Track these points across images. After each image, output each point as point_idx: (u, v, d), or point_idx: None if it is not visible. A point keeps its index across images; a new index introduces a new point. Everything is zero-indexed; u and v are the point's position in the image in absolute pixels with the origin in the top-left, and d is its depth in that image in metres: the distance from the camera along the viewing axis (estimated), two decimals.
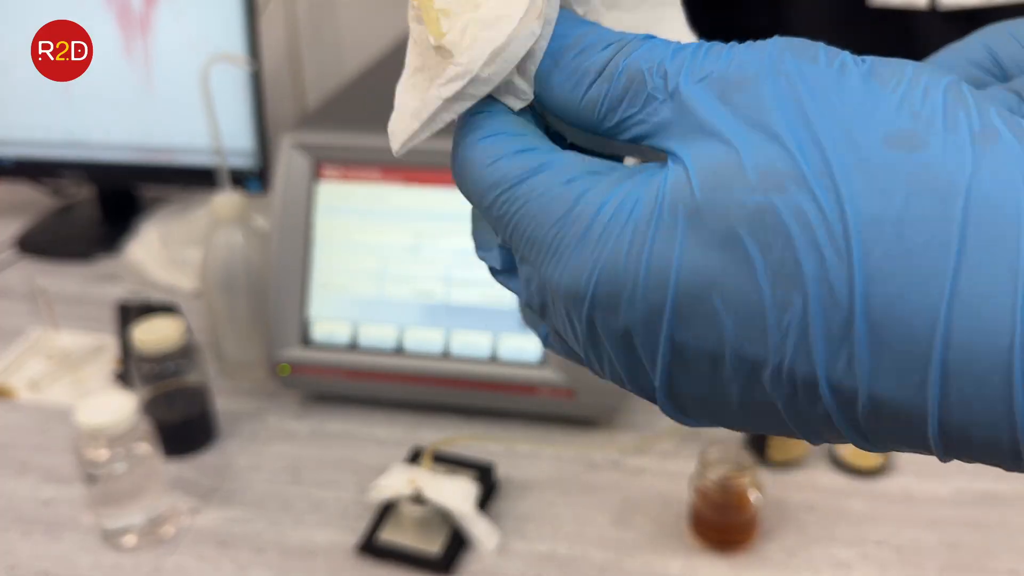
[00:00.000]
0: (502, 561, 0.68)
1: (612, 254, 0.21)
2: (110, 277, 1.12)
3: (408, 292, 0.80)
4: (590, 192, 0.22)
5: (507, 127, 0.24)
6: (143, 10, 1.07)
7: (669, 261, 0.20)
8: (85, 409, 0.67)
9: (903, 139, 0.19)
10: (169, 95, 1.10)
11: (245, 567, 0.68)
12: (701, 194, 0.20)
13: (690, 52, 0.22)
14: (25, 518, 0.74)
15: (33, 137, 1.16)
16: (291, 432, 0.83)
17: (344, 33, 1.35)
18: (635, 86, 0.22)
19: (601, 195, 0.22)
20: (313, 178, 0.81)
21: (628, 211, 0.21)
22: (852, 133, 0.19)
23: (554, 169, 0.22)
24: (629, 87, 0.22)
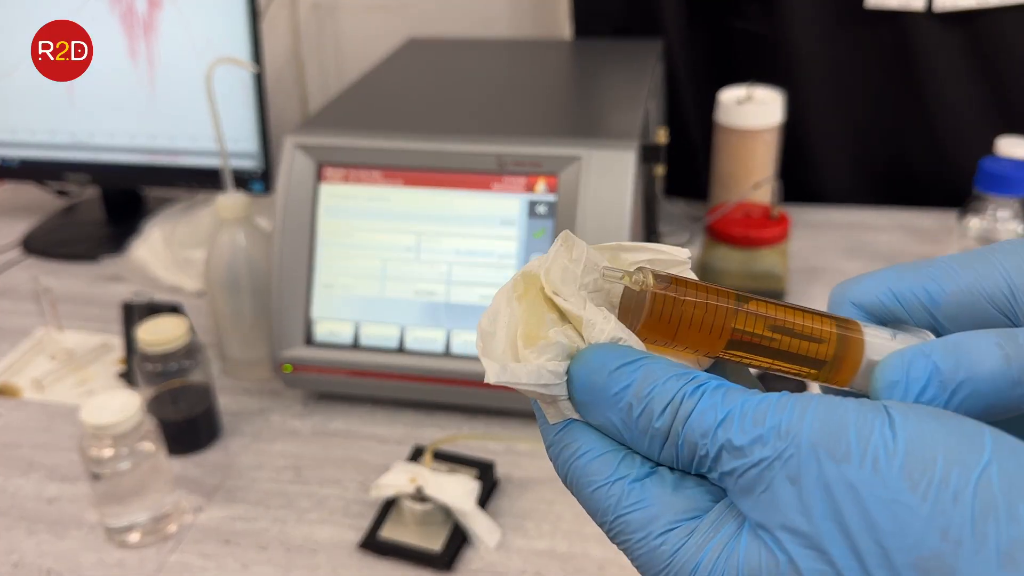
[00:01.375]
0: (502, 558, 0.69)
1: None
2: (114, 277, 1.13)
3: (409, 292, 0.80)
4: (681, 549, 0.25)
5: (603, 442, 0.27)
6: (147, 13, 1.08)
7: None
8: (90, 408, 0.68)
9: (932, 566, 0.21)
10: (173, 97, 1.11)
11: (248, 564, 0.69)
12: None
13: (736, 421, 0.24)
14: (30, 516, 0.75)
15: (38, 139, 1.17)
16: (294, 430, 0.84)
17: (346, 36, 1.36)
18: (697, 458, 0.25)
19: (692, 556, 0.25)
20: (316, 179, 0.82)
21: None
22: (889, 555, 0.21)
23: (650, 509, 0.25)
24: (693, 456, 0.25)
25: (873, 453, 0.22)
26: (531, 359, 0.26)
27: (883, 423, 0.23)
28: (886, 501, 0.22)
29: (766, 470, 0.23)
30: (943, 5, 1.06)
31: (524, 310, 0.27)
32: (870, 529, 0.22)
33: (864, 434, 0.22)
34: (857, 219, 1.18)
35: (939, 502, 0.21)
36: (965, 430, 0.23)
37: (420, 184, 0.80)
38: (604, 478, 0.26)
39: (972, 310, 0.29)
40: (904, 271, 0.30)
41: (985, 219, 0.98)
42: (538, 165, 0.78)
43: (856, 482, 0.22)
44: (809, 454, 0.23)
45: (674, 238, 1.13)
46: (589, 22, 1.19)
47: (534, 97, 0.97)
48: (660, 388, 0.25)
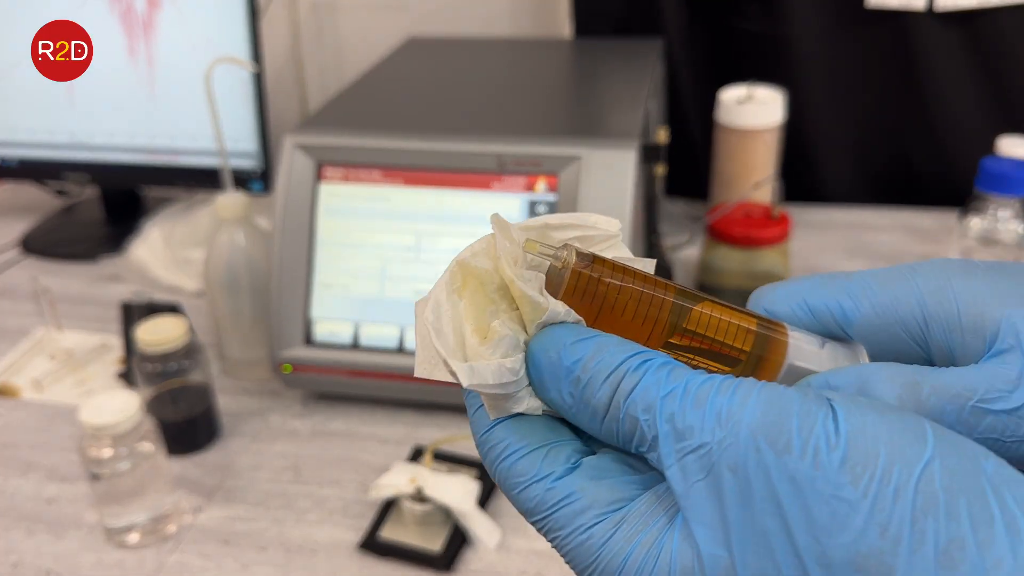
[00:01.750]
0: (503, 559, 0.69)
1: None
2: (114, 277, 1.12)
3: (409, 292, 0.80)
4: (609, 543, 0.24)
5: (528, 440, 0.26)
6: (146, 12, 1.08)
7: None
8: (89, 408, 0.68)
9: (871, 564, 0.21)
10: (172, 97, 1.11)
11: (248, 565, 0.69)
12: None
13: (678, 399, 0.24)
14: (29, 516, 0.75)
15: (37, 138, 1.17)
16: (293, 431, 0.84)
17: (346, 35, 1.36)
18: (638, 434, 0.25)
19: (620, 550, 0.24)
20: (315, 179, 0.82)
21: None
22: (827, 552, 0.21)
23: (577, 503, 0.25)
24: (633, 432, 0.25)
25: (815, 445, 0.22)
26: (485, 356, 0.26)
27: (826, 415, 0.22)
28: (826, 496, 0.21)
29: (704, 456, 0.23)
30: (944, 5, 1.06)
31: (468, 303, 0.27)
32: (809, 524, 0.21)
33: (807, 425, 0.22)
34: (858, 219, 1.18)
35: (880, 498, 0.21)
36: (907, 424, 0.22)
37: (420, 184, 0.80)
38: (529, 477, 0.26)
39: (885, 334, 0.29)
40: (822, 283, 0.30)
41: (986, 219, 0.98)
42: (538, 165, 0.78)
43: (796, 474, 0.22)
44: (749, 443, 0.22)
45: (674, 238, 1.13)
46: (589, 21, 1.19)
47: (534, 97, 0.96)
48: (606, 360, 0.25)
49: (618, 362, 0.25)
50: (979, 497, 0.21)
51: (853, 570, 0.21)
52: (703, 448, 0.23)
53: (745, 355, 0.28)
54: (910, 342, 0.28)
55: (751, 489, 0.22)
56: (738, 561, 0.22)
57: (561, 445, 0.26)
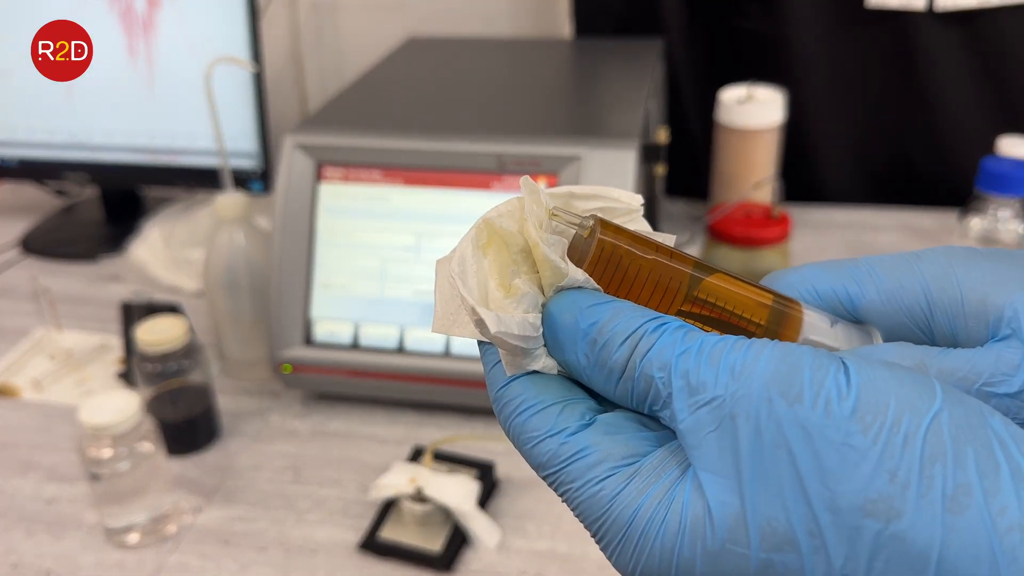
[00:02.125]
0: (502, 559, 0.69)
1: (647, 563, 0.24)
2: (113, 277, 1.12)
3: (409, 292, 0.80)
4: (622, 496, 0.25)
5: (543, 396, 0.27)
6: (146, 12, 1.08)
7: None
8: (88, 408, 0.68)
9: (879, 508, 0.21)
10: (172, 97, 1.11)
11: (247, 565, 0.69)
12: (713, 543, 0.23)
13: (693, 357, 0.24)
14: (29, 517, 0.75)
15: (37, 138, 1.17)
16: (293, 431, 0.84)
17: (345, 35, 1.36)
18: (652, 392, 0.25)
19: (632, 501, 0.25)
20: (315, 179, 0.82)
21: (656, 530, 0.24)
22: (836, 498, 0.22)
23: (590, 457, 0.25)
24: (648, 390, 0.25)
25: (826, 396, 0.22)
26: (509, 309, 0.26)
27: (837, 368, 0.23)
28: (836, 443, 0.22)
29: (717, 408, 0.23)
30: (944, 5, 1.06)
31: (492, 260, 0.27)
32: (819, 471, 0.22)
33: (818, 377, 0.23)
34: (858, 219, 1.18)
35: (889, 445, 0.21)
36: (917, 379, 0.23)
37: (420, 184, 0.80)
38: (543, 432, 0.26)
39: (891, 320, 0.30)
40: (828, 269, 0.31)
41: (986, 219, 0.98)
42: (538, 165, 0.78)
43: (807, 423, 0.22)
44: (761, 394, 0.23)
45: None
46: (589, 21, 1.18)
47: (534, 97, 0.96)
48: (623, 323, 0.25)
49: (636, 326, 0.25)
50: (985, 447, 0.21)
51: (861, 515, 0.21)
52: (716, 400, 0.23)
53: (761, 328, 0.28)
54: (914, 328, 0.29)
55: (762, 438, 0.23)
56: (748, 508, 0.23)
57: (576, 402, 0.27)
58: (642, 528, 0.24)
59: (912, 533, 0.21)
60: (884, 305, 0.30)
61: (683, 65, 1.17)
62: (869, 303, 0.30)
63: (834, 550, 0.22)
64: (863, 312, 0.30)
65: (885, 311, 0.30)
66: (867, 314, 0.30)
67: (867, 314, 0.30)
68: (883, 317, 0.30)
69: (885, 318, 0.30)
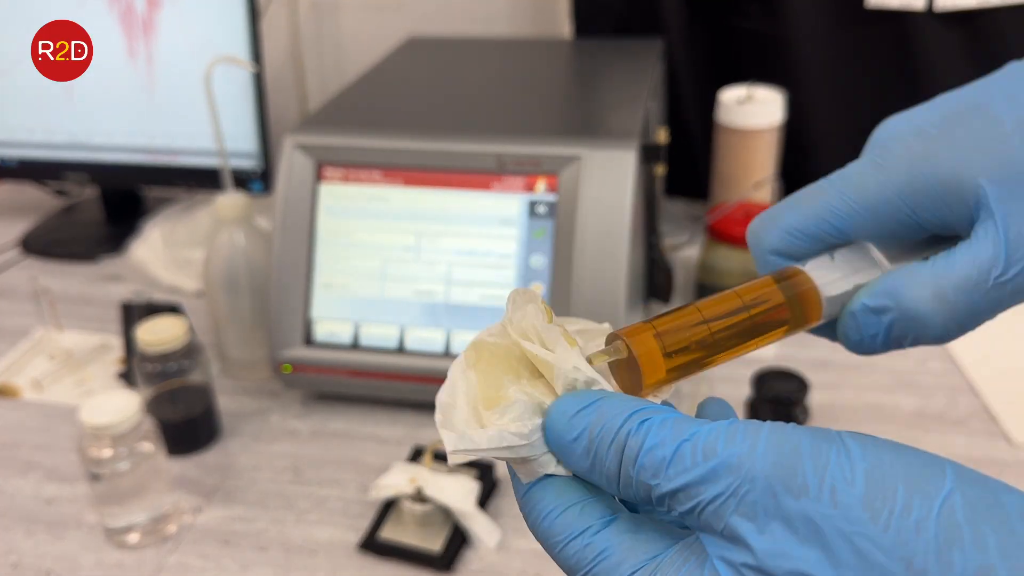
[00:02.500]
0: (502, 559, 0.69)
1: None
2: (114, 277, 1.12)
3: (409, 292, 0.80)
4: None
5: (562, 499, 0.27)
6: (146, 12, 1.08)
7: None
8: (89, 408, 0.68)
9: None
10: (172, 97, 1.11)
11: (247, 565, 0.69)
12: None
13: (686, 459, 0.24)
14: (29, 516, 0.75)
15: (37, 138, 1.17)
16: (293, 431, 0.84)
17: (345, 36, 1.36)
18: (655, 499, 0.25)
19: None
20: (315, 179, 0.82)
21: None
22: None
23: (613, 557, 0.26)
24: (649, 495, 0.25)
25: (831, 484, 0.22)
26: (493, 421, 0.27)
27: (839, 452, 0.22)
28: (847, 534, 0.21)
29: (722, 506, 0.23)
30: (944, 5, 1.06)
31: (479, 377, 0.28)
32: (833, 564, 0.21)
33: (820, 464, 0.22)
34: None
35: (901, 532, 0.21)
36: (924, 460, 0.22)
37: (420, 184, 0.80)
38: (567, 535, 0.26)
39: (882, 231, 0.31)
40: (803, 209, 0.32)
41: None
42: (538, 165, 0.78)
43: (815, 516, 0.22)
44: (765, 489, 0.22)
45: (674, 238, 1.13)
46: (589, 21, 1.18)
47: (534, 97, 0.96)
48: (608, 425, 0.25)
49: (618, 426, 0.25)
50: (1005, 525, 0.21)
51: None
52: (719, 499, 0.23)
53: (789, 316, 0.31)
54: (904, 229, 0.31)
55: (772, 537, 0.22)
56: None
57: (595, 500, 0.27)
58: None
59: None
60: (871, 223, 0.31)
61: (683, 65, 1.17)
62: (857, 227, 0.31)
63: None
64: (855, 234, 0.31)
65: (873, 227, 0.31)
66: (858, 234, 0.31)
67: (858, 234, 0.31)
68: (874, 231, 0.31)
69: (876, 230, 0.31)
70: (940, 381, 0.87)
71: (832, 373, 0.88)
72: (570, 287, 0.76)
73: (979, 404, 0.83)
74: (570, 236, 0.76)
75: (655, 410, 0.25)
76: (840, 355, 0.91)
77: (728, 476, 0.23)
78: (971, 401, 0.83)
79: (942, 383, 0.86)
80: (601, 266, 0.75)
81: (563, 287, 0.76)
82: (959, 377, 0.87)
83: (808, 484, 0.22)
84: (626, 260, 0.75)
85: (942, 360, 0.90)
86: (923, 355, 0.90)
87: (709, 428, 0.24)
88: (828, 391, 0.85)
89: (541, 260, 0.78)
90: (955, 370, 0.88)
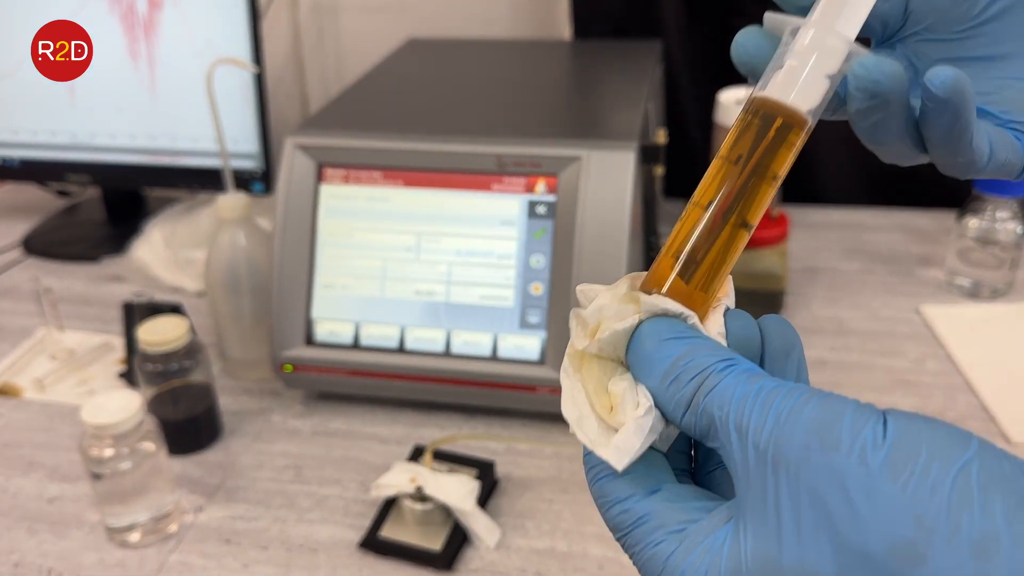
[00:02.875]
0: (502, 557, 0.69)
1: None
2: (115, 277, 1.13)
3: (409, 292, 0.80)
4: (676, 555, 0.27)
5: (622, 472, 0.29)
6: (147, 13, 1.08)
7: None
8: (90, 408, 0.68)
9: (906, 553, 0.22)
10: (173, 98, 1.11)
11: (249, 564, 0.69)
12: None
13: (750, 400, 0.26)
14: (31, 515, 0.75)
15: (39, 139, 1.17)
16: (294, 430, 0.84)
17: (346, 37, 1.36)
18: (712, 429, 0.27)
19: (680, 560, 0.27)
20: (316, 180, 0.82)
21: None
22: (867, 544, 0.23)
23: (649, 523, 0.28)
24: (708, 426, 0.27)
25: (862, 444, 0.23)
26: (619, 420, 0.29)
27: (877, 420, 0.24)
28: (867, 489, 0.22)
29: (761, 452, 0.25)
30: None
31: (584, 383, 0.30)
32: (851, 517, 0.23)
33: (857, 427, 0.24)
34: (856, 219, 1.18)
35: (917, 491, 0.22)
36: (953, 432, 0.23)
37: (420, 184, 0.81)
38: (613, 499, 0.29)
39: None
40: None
41: (984, 219, 0.99)
42: (538, 165, 0.78)
43: (842, 470, 0.23)
44: (802, 441, 0.24)
45: None
46: (589, 22, 1.19)
47: (534, 97, 0.97)
48: (696, 361, 0.28)
49: (706, 364, 0.27)
50: (1016, 496, 0.22)
51: (889, 559, 0.22)
52: (761, 444, 0.25)
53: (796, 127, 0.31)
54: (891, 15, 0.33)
55: (799, 484, 0.24)
56: (784, 552, 0.24)
57: (651, 472, 0.29)
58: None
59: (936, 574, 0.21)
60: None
61: (682, 66, 1.17)
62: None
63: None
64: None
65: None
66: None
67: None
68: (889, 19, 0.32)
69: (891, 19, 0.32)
70: (938, 380, 0.87)
71: (829, 372, 0.89)
72: (570, 287, 0.76)
73: (977, 403, 0.83)
74: (570, 237, 0.77)
75: (742, 360, 0.28)
76: (838, 354, 0.91)
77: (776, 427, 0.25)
78: (969, 400, 0.84)
79: (940, 383, 0.87)
80: (601, 266, 0.76)
81: (563, 287, 0.77)
82: (957, 377, 0.87)
83: (841, 441, 0.23)
84: (625, 260, 0.75)
85: (940, 360, 0.90)
86: (921, 355, 0.91)
87: (777, 383, 0.26)
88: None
89: (541, 260, 0.78)
90: (953, 370, 0.88)
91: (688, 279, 0.30)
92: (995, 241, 0.98)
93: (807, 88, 0.30)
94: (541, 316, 0.78)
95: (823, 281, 1.05)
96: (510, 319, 0.78)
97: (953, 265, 1.02)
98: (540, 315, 0.78)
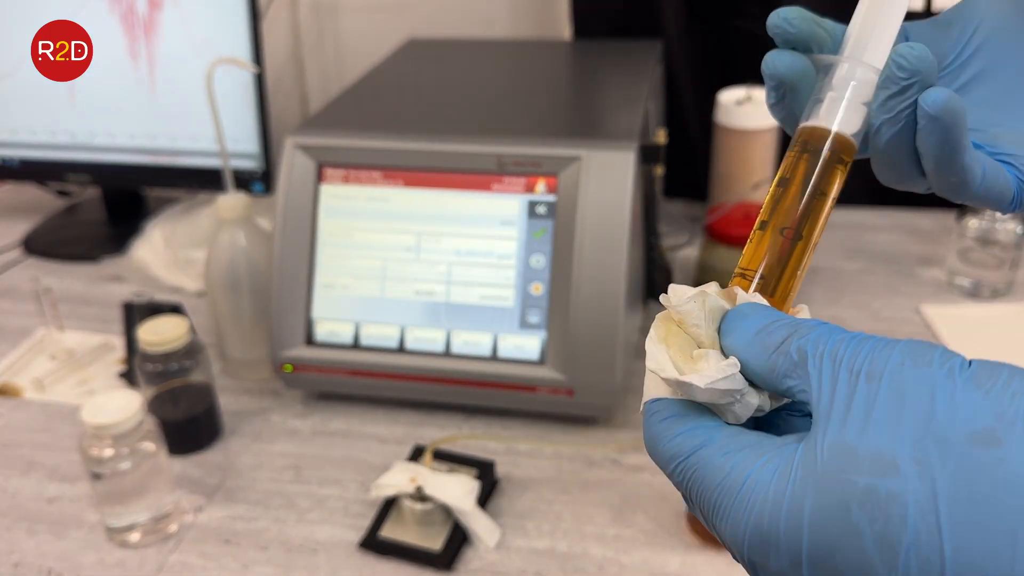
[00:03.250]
0: (502, 557, 0.69)
1: (758, 515, 0.26)
2: (115, 277, 1.13)
3: (409, 292, 0.80)
4: (741, 463, 0.28)
5: (683, 409, 0.30)
6: (147, 13, 1.08)
7: (800, 524, 0.26)
8: (90, 408, 0.68)
9: (984, 437, 0.24)
10: (173, 98, 1.11)
11: (248, 564, 0.69)
12: (823, 470, 0.26)
13: (845, 343, 0.27)
14: (31, 516, 0.75)
15: (39, 139, 1.17)
16: (294, 430, 0.84)
17: (346, 37, 1.36)
18: (798, 366, 0.28)
19: (749, 464, 0.28)
20: (316, 180, 0.82)
21: (768, 479, 0.27)
22: (946, 432, 0.24)
23: (715, 444, 0.29)
24: (796, 365, 0.28)
25: (951, 366, 0.25)
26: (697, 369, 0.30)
27: (963, 360, 0.26)
28: (952, 395, 0.25)
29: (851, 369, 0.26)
30: (943, 5, 1.06)
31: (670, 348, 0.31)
32: (931, 413, 0.24)
33: (946, 356, 0.26)
34: (856, 219, 1.18)
35: (1000, 397, 0.24)
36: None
37: (420, 184, 0.81)
38: (680, 430, 0.30)
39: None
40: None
41: (984, 219, 0.99)
42: (538, 165, 0.78)
43: (931, 379, 0.25)
44: (896, 359, 0.26)
45: (673, 238, 1.13)
46: (589, 22, 1.19)
47: (534, 97, 0.97)
48: (790, 320, 0.29)
49: (799, 323, 0.29)
50: None
51: (967, 443, 0.24)
52: (856, 366, 0.26)
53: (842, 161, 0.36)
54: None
55: (890, 389, 0.25)
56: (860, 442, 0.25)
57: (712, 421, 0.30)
58: (756, 482, 0.27)
59: (1013, 455, 0.23)
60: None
61: (682, 66, 1.17)
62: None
63: (939, 475, 0.24)
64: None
65: None
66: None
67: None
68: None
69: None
70: None
71: None
72: (570, 287, 0.76)
73: None
74: (570, 236, 0.77)
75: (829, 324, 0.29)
76: None
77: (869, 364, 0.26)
78: None
79: None
80: (600, 266, 0.76)
81: (563, 287, 0.77)
82: None
83: (934, 360, 0.25)
84: (625, 260, 0.75)
85: None
86: None
87: (870, 335, 0.28)
88: None
89: (541, 260, 0.78)
90: None
91: (769, 293, 0.33)
92: (995, 241, 0.98)
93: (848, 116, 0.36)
94: (541, 316, 0.78)
95: (824, 281, 1.05)
96: (510, 319, 0.78)
97: (953, 265, 1.02)
98: (540, 315, 0.78)
